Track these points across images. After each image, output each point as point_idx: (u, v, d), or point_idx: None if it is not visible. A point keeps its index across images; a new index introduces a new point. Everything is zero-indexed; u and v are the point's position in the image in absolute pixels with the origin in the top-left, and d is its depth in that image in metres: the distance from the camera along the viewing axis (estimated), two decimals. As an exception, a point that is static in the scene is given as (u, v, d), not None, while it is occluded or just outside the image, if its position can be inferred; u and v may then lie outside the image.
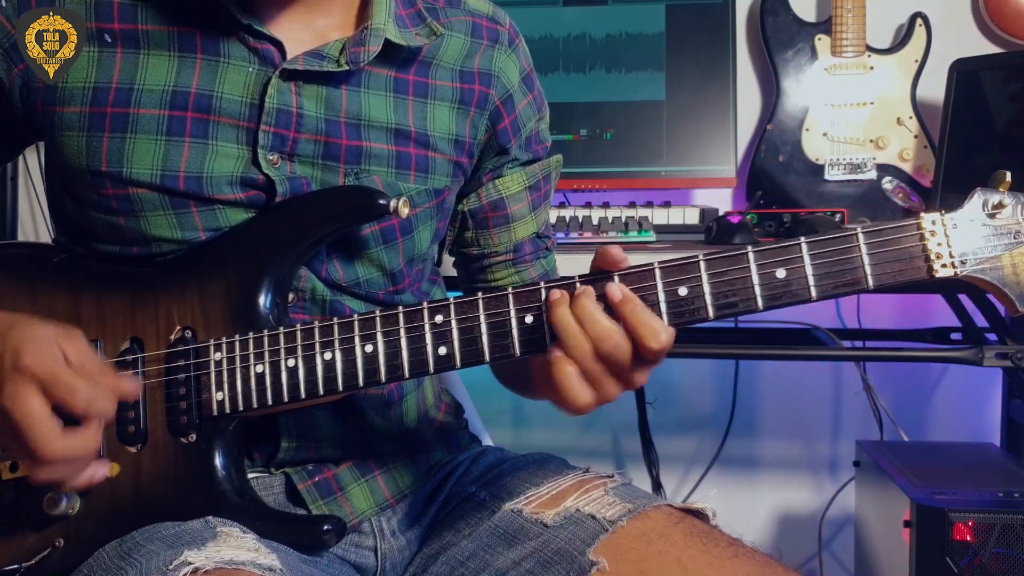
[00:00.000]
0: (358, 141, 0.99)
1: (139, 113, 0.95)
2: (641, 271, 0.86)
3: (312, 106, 0.98)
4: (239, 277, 0.96)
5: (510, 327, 0.88)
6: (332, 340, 0.91)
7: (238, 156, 0.96)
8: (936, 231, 0.83)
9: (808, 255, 0.84)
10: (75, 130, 0.96)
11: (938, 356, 1.66)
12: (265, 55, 0.97)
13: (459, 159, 1.06)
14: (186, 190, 0.95)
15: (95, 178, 0.96)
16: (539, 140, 1.14)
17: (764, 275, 0.84)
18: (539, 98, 1.13)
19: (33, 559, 0.94)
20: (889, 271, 0.83)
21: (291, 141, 0.97)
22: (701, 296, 0.85)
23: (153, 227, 0.96)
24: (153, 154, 0.95)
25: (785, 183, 1.96)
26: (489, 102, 1.07)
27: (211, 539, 0.87)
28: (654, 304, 0.85)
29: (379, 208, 0.94)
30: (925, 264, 0.83)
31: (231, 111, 0.96)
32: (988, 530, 1.47)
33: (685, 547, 0.90)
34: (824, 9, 2.07)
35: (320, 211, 0.96)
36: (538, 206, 1.14)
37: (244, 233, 0.97)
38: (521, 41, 1.12)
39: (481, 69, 1.07)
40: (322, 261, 1.00)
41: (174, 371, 0.95)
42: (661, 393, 2.19)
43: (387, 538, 1.05)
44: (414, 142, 1.02)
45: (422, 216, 1.04)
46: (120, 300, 0.98)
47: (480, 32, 1.08)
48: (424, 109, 1.03)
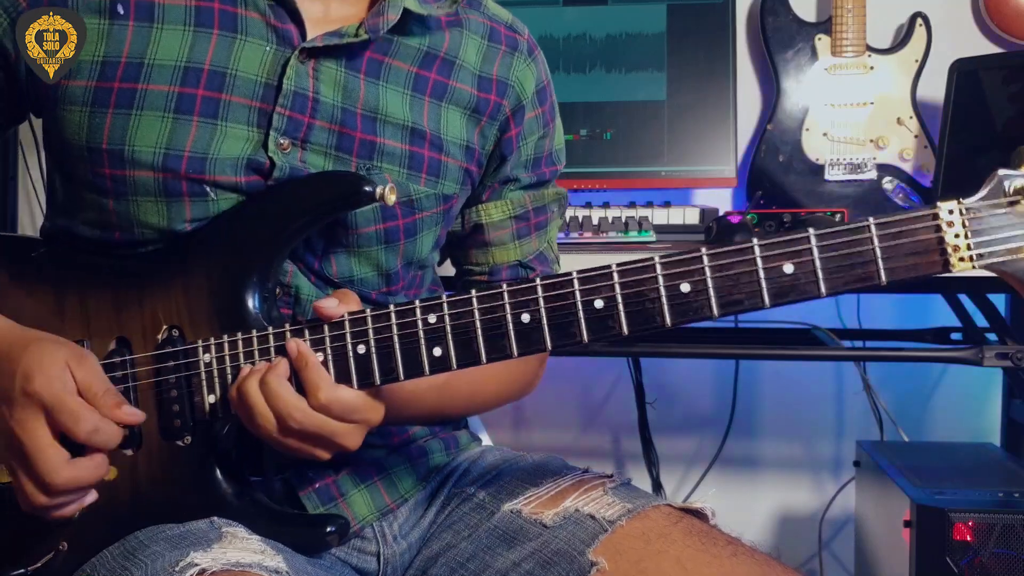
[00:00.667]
0: (372, 136, 0.98)
1: (147, 89, 0.93)
2: (641, 266, 0.83)
3: (329, 92, 0.96)
4: (223, 270, 0.94)
5: (506, 326, 0.85)
6: (323, 338, 0.89)
7: (247, 138, 0.94)
8: (953, 221, 0.77)
9: (817, 247, 0.79)
10: (78, 105, 0.94)
11: (938, 356, 1.66)
12: (284, 35, 0.95)
13: (469, 166, 1.05)
14: (188, 171, 0.93)
15: (93, 155, 0.94)
16: (549, 161, 1.11)
17: (770, 269, 0.80)
18: (550, 113, 1.11)
19: (38, 563, 0.93)
20: (903, 264, 0.78)
21: (305, 127, 0.95)
22: (705, 292, 0.81)
23: (141, 213, 0.94)
24: (158, 132, 0.93)
25: (785, 183, 1.96)
26: (501, 112, 1.06)
27: (216, 540, 0.86)
28: (655, 300, 0.82)
29: (365, 194, 0.92)
30: (941, 258, 0.77)
31: (245, 90, 0.94)
32: (988, 530, 1.47)
33: (684, 546, 0.90)
34: (824, 9, 2.06)
35: (305, 197, 0.94)
36: (524, 236, 1.12)
37: (228, 223, 0.95)
38: (540, 53, 1.10)
39: (499, 76, 1.05)
40: (316, 254, 0.98)
41: (164, 372, 0.94)
42: (661, 393, 2.18)
43: (389, 543, 1.04)
44: (429, 144, 1.01)
45: (428, 220, 1.03)
46: (104, 298, 0.96)
47: (498, 37, 1.06)
48: (438, 112, 1.02)
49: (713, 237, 1.64)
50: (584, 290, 0.84)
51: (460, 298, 0.87)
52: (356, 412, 0.88)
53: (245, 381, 0.87)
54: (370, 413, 0.89)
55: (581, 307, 0.84)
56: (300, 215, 0.94)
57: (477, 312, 0.86)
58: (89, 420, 0.85)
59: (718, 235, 1.64)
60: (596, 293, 0.83)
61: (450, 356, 0.87)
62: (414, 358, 0.87)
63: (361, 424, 0.89)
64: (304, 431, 0.87)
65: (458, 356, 0.87)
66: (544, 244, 1.15)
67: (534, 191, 1.11)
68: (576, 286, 0.84)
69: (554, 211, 1.14)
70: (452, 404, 1.09)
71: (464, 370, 0.87)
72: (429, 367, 0.87)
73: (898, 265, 0.78)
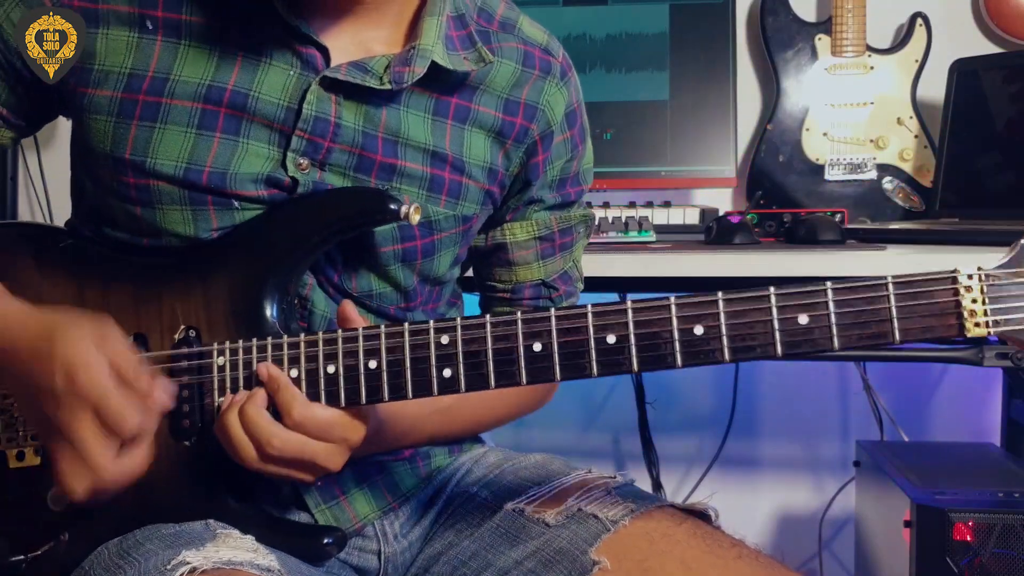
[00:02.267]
0: (393, 159, 0.97)
1: (171, 104, 0.93)
2: (656, 305, 0.82)
3: (351, 118, 0.96)
4: (244, 276, 0.94)
5: (517, 354, 0.84)
6: (336, 352, 0.89)
7: (267, 156, 0.95)
8: (972, 286, 0.77)
9: (833, 302, 0.78)
10: (103, 114, 0.94)
11: (938, 356, 1.66)
12: (308, 60, 0.95)
13: (491, 188, 1.04)
14: (208, 185, 0.93)
15: (117, 165, 0.95)
16: (575, 182, 1.10)
17: (785, 320, 0.79)
18: (579, 136, 1.10)
19: (38, 551, 0.94)
20: (918, 326, 0.78)
21: (324, 150, 0.95)
22: (718, 337, 0.80)
23: (167, 221, 0.95)
24: (180, 146, 0.93)
25: (785, 183, 1.96)
26: (528, 136, 1.04)
27: (210, 539, 0.87)
28: (668, 341, 0.81)
29: (390, 212, 0.92)
30: (957, 322, 0.77)
31: (266, 112, 0.94)
32: (988, 530, 1.47)
33: (688, 547, 0.90)
34: (824, 9, 2.06)
35: (330, 211, 0.95)
36: (548, 256, 1.11)
37: (252, 230, 0.95)
38: (574, 75, 1.09)
39: (528, 100, 1.04)
40: (336, 268, 0.99)
41: (177, 372, 0.94)
42: (661, 393, 2.18)
43: (390, 541, 1.04)
44: (450, 166, 1.00)
45: (446, 241, 1.02)
46: (125, 294, 0.97)
47: (532, 62, 1.05)
48: (461, 135, 1.01)
49: (713, 237, 1.64)
50: (597, 326, 0.83)
51: (474, 322, 0.86)
52: (333, 429, 0.88)
53: (225, 414, 0.88)
54: (349, 431, 0.89)
55: (594, 343, 0.83)
56: (323, 228, 0.94)
57: (490, 339, 0.85)
58: (133, 419, 0.84)
59: (718, 235, 1.64)
60: (609, 330, 0.83)
61: (459, 378, 0.86)
62: (424, 377, 0.86)
63: (340, 444, 0.89)
64: (283, 457, 0.87)
65: (467, 379, 0.86)
66: (569, 263, 1.14)
67: (560, 212, 1.11)
68: (590, 321, 0.83)
69: (580, 232, 1.13)
70: (454, 428, 1.09)
71: (469, 395, 0.87)
72: (438, 387, 0.86)
73: (913, 327, 0.78)
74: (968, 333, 0.77)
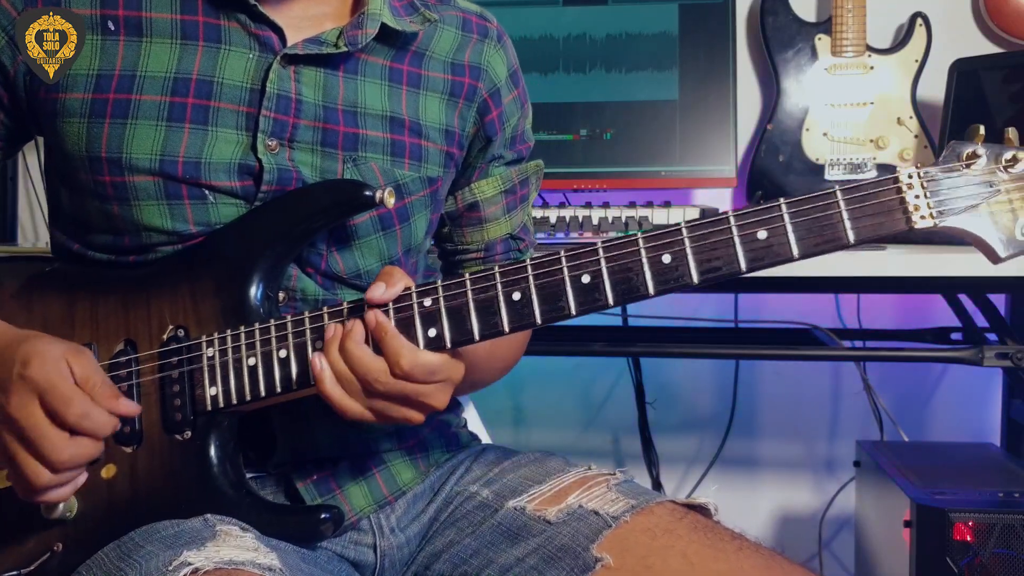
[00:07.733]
0: (355, 128, 1.01)
1: (141, 99, 0.96)
2: (624, 241, 0.88)
3: (310, 92, 0.99)
4: (229, 274, 0.96)
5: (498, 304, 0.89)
6: (322, 328, 0.91)
7: (237, 141, 0.97)
8: (913, 184, 0.84)
9: (788, 214, 0.85)
10: (76, 117, 0.97)
11: (938, 356, 1.67)
12: (265, 42, 0.99)
13: (450, 149, 1.08)
14: (184, 175, 0.96)
15: (93, 164, 0.97)
16: (523, 140, 1.16)
17: (745, 236, 0.85)
18: (523, 96, 1.16)
19: (32, 565, 0.94)
20: (868, 224, 0.84)
21: (291, 127, 0.98)
22: (685, 262, 0.86)
23: (146, 216, 0.97)
24: (153, 140, 0.96)
25: (785, 183, 1.96)
26: (477, 95, 1.10)
27: (210, 539, 0.87)
28: (639, 272, 0.87)
29: (365, 199, 0.95)
30: (904, 216, 0.84)
31: (232, 96, 0.97)
32: (988, 530, 1.47)
33: (690, 541, 0.91)
34: (824, 9, 2.07)
35: (307, 205, 0.97)
36: (512, 209, 1.16)
37: (233, 230, 0.98)
38: (508, 39, 1.16)
39: (471, 62, 1.10)
40: (320, 254, 1.00)
41: (167, 368, 0.95)
42: (661, 393, 2.19)
43: (386, 535, 1.05)
44: (408, 130, 1.04)
45: (417, 204, 1.05)
46: (113, 302, 0.99)
47: (470, 27, 1.11)
48: (417, 99, 1.05)
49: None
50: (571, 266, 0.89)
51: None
52: (439, 373, 0.90)
53: (327, 347, 0.90)
54: (452, 371, 0.91)
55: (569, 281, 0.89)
56: (303, 221, 0.97)
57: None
58: (79, 405, 0.87)
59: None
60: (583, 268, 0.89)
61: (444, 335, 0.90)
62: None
63: (447, 383, 0.91)
64: (389, 393, 0.89)
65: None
66: (527, 215, 1.20)
67: (516, 166, 1.16)
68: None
69: (533, 183, 1.20)
70: (485, 373, 1.15)
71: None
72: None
73: (863, 226, 0.84)
74: (915, 225, 0.84)
